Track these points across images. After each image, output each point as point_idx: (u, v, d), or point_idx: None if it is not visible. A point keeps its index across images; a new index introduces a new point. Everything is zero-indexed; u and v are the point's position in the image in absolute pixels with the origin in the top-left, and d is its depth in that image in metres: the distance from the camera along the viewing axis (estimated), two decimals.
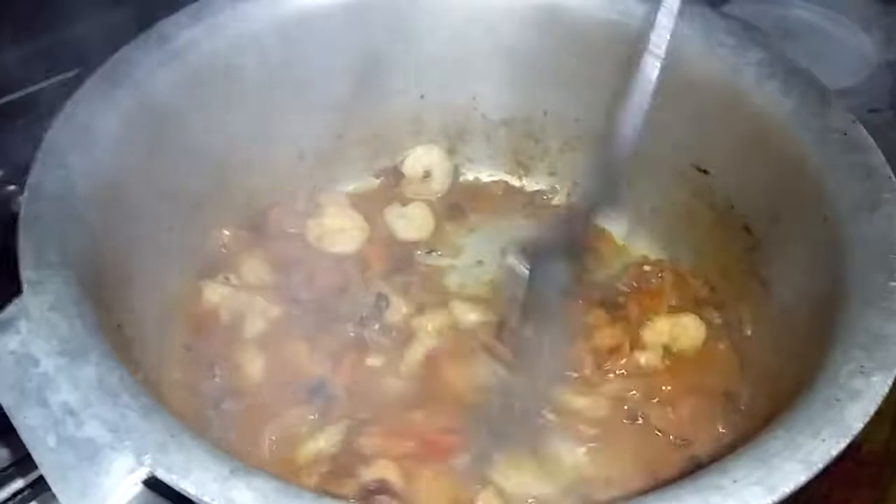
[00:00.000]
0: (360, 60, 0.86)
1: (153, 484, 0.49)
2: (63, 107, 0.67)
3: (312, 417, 0.72)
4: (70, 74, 0.95)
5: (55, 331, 0.52)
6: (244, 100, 0.81)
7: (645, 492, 0.49)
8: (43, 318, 0.52)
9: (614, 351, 0.75)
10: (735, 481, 0.48)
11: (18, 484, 0.76)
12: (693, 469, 0.53)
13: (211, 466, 0.46)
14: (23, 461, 0.76)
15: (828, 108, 0.70)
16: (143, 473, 0.46)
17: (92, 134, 0.67)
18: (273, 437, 0.70)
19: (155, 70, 0.74)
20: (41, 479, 0.72)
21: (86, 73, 0.72)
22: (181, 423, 0.49)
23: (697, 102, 0.79)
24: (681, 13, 0.78)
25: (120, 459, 0.46)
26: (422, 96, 0.92)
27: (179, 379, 0.74)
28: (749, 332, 0.77)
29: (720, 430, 0.73)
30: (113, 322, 0.60)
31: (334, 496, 0.65)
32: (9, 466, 0.77)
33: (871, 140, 0.67)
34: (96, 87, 0.70)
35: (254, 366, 0.75)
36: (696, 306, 0.81)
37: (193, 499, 0.45)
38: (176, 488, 0.45)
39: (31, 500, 0.76)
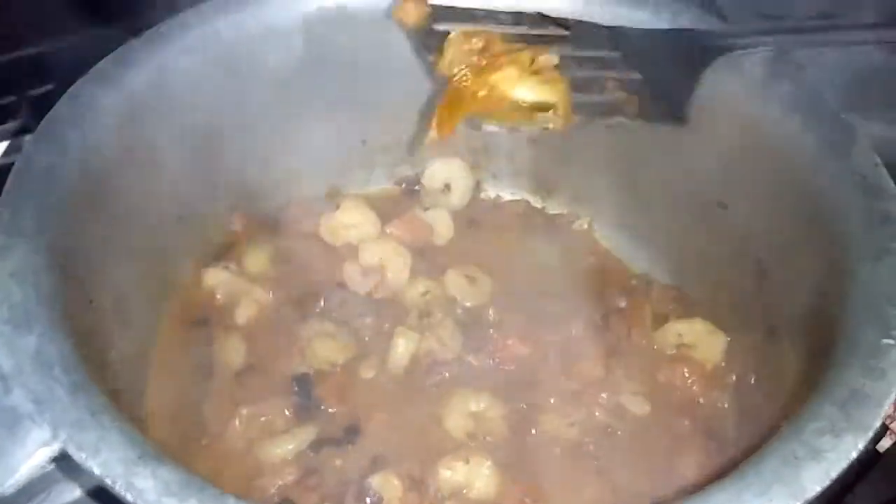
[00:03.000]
0: (386, 65, 0.85)
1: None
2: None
3: (288, 413, 0.71)
4: None
5: (8, 297, 0.52)
6: (265, 95, 0.82)
7: None
8: (1, 284, 0.53)
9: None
10: None
11: None
12: None
13: (120, 449, 0.46)
14: None
15: (851, 147, 0.65)
16: (56, 448, 0.45)
17: (96, 112, 0.68)
18: (243, 422, 0.69)
19: (175, 56, 0.75)
20: None
21: None
22: (106, 403, 0.48)
23: (722, 134, 0.75)
24: None
25: (36, 431, 0.46)
26: None
27: (167, 356, 0.74)
28: (752, 381, 0.73)
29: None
30: (84, 296, 0.61)
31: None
32: None
33: (892, 185, 0.62)
34: (109, 69, 0.71)
35: (239, 351, 0.75)
36: None
37: (97, 480, 0.45)
38: (83, 467, 0.45)
39: None
